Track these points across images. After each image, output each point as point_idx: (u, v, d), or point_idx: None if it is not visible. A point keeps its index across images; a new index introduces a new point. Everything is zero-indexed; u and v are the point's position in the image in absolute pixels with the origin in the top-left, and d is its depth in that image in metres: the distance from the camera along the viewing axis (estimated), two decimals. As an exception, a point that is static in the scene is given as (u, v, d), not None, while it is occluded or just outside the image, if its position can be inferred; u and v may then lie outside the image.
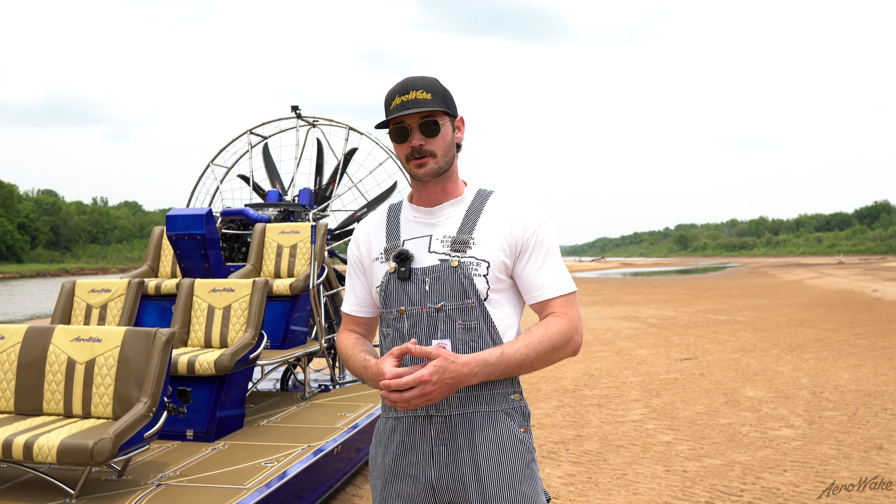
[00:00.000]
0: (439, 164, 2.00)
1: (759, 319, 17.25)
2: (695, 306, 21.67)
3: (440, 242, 2.01)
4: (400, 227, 2.08)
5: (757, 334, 14.29)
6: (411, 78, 1.99)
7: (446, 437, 1.97)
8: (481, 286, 1.97)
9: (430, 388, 1.83)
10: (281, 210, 6.94)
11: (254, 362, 5.04)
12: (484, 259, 1.98)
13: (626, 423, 7.20)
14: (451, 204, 2.06)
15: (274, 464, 4.14)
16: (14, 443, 3.56)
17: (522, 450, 1.99)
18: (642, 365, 10.77)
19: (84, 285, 5.37)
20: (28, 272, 64.35)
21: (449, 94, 2.03)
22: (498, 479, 1.95)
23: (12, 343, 4.13)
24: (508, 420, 1.98)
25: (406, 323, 1.99)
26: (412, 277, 1.99)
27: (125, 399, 3.88)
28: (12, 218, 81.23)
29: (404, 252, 2.00)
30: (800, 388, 8.82)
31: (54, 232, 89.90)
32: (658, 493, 5.11)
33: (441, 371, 1.83)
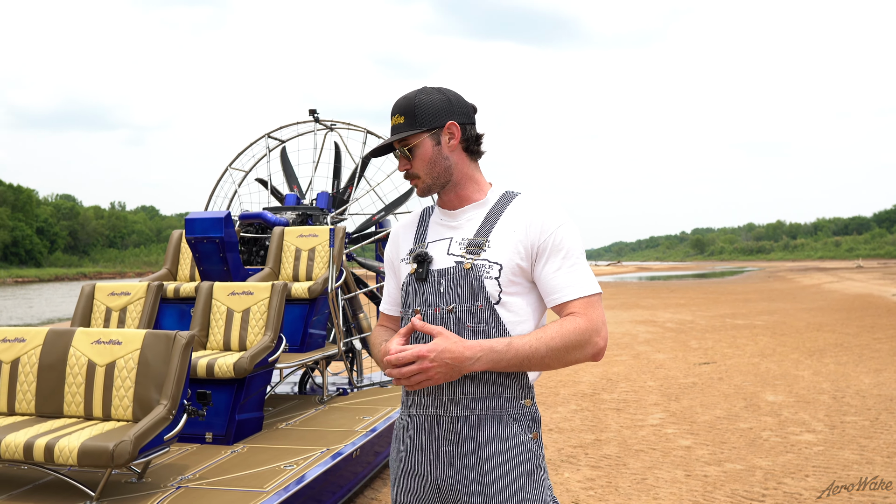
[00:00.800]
0: (427, 183, 2.04)
1: (777, 324, 17.12)
2: (712, 310, 21.54)
3: (458, 245, 2.02)
4: (427, 229, 2.11)
5: (776, 339, 14.19)
6: (397, 100, 2.05)
7: (453, 438, 1.98)
8: (492, 289, 1.96)
9: (429, 365, 1.83)
10: (299, 213, 6.95)
11: (272, 365, 5.04)
12: (496, 262, 1.97)
13: (645, 427, 7.15)
14: (474, 207, 2.07)
15: (293, 467, 4.13)
16: (35, 445, 3.57)
17: (529, 456, 1.96)
18: (660, 369, 10.71)
19: (104, 288, 5.39)
20: (47, 276, 64.88)
21: (426, 108, 2.00)
22: (502, 484, 1.94)
23: (33, 346, 4.15)
24: (516, 425, 1.97)
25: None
26: (429, 279, 2.01)
27: (145, 402, 3.89)
28: (31, 222, 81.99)
29: (423, 254, 2.03)
30: (820, 392, 8.73)
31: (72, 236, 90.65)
32: (679, 497, 5.06)
33: (440, 350, 1.84)
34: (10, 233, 76.66)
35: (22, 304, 32.12)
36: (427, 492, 2.01)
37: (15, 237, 77.83)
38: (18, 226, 78.74)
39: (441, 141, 2.01)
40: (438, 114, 2.01)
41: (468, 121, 2.06)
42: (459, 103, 2.05)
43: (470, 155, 2.07)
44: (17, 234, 78.05)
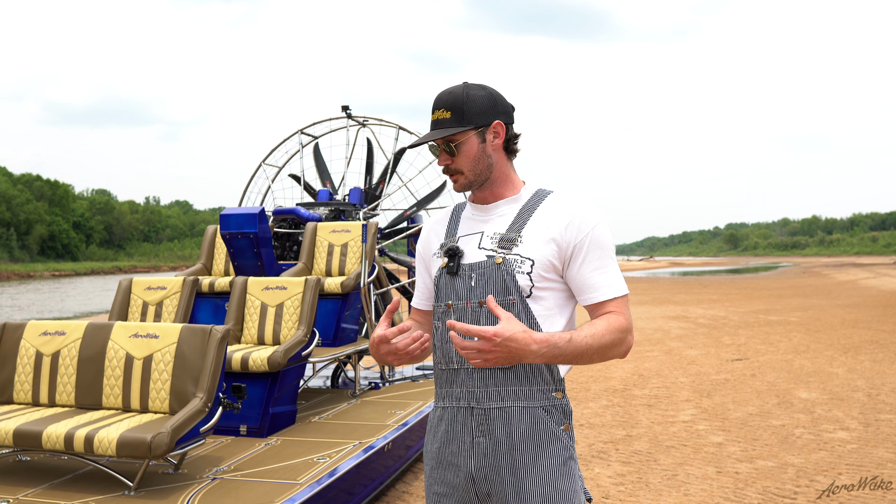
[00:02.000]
0: (469, 179, 2.05)
1: (812, 320, 16.92)
2: (745, 306, 21.33)
3: (490, 239, 2.05)
4: (459, 224, 2.14)
5: (810, 335, 14.02)
6: (441, 93, 2.05)
7: (485, 429, 2.01)
8: (524, 283, 1.99)
9: (492, 348, 1.80)
10: (332, 209, 7.01)
11: (306, 359, 5.11)
12: (529, 257, 1.99)
13: (676, 423, 7.13)
14: (506, 202, 2.09)
15: (326, 460, 4.19)
16: (76, 435, 3.66)
17: (560, 447, 2.00)
18: (692, 365, 10.64)
19: (140, 283, 5.49)
20: (83, 270, 65.92)
21: (474, 106, 2.01)
22: (534, 475, 1.97)
23: (73, 339, 4.25)
24: (548, 417, 2.00)
25: (452, 317, 2.04)
26: (460, 273, 2.04)
27: (181, 394, 3.97)
28: (68, 217, 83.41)
29: (454, 248, 2.06)
30: (855, 390, 8.63)
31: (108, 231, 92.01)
32: (710, 494, 5.05)
33: (507, 336, 1.81)
34: (47, 227, 78.03)
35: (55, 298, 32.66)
36: (461, 482, 2.04)
37: (52, 231, 79.25)
38: (55, 220, 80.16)
39: (486, 139, 2.04)
40: (486, 112, 2.03)
41: (510, 120, 2.09)
42: (503, 102, 2.07)
43: (508, 154, 2.10)
44: (54, 229, 79.46)
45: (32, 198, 78.11)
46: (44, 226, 77.58)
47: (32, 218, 75.97)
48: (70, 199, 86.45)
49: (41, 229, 77.10)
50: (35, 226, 76.38)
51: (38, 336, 4.32)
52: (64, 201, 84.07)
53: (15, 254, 72.53)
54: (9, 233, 72.90)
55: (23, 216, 74.92)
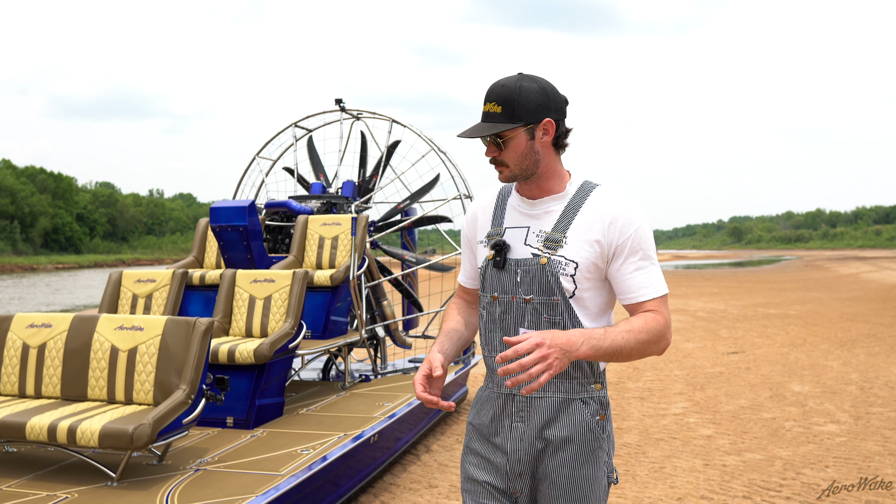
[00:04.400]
0: (514, 173, 2.07)
1: (810, 313, 16.92)
2: (745, 300, 21.33)
3: (536, 237, 2.08)
4: (505, 213, 2.17)
5: (808, 328, 14.03)
6: (495, 85, 2.05)
7: (525, 415, 2.10)
8: (567, 285, 2.04)
9: (548, 351, 1.81)
10: (324, 202, 7.03)
11: (293, 352, 5.13)
12: (573, 259, 2.03)
13: (667, 416, 7.15)
14: (553, 199, 2.11)
15: (310, 451, 4.21)
16: (59, 427, 3.69)
17: (591, 437, 2.09)
18: (688, 358, 10.66)
19: (130, 275, 5.52)
20: (86, 262, 66.07)
21: (526, 102, 2.01)
22: (559, 458, 2.07)
23: (59, 331, 4.27)
24: (584, 407, 2.09)
25: (498, 309, 2.11)
26: (506, 267, 2.09)
27: (166, 386, 3.99)
28: (71, 209, 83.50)
29: (501, 242, 2.10)
30: (848, 383, 8.65)
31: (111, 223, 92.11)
32: (695, 486, 5.07)
33: (551, 336, 1.84)
34: (50, 220, 78.16)
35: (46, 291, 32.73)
36: (498, 460, 2.14)
37: (55, 224, 79.37)
38: (59, 213, 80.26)
39: (535, 136, 2.04)
40: (537, 109, 2.02)
41: (562, 116, 2.09)
42: (556, 98, 2.07)
43: (557, 149, 2.11)
44: (57, 222, 79.58)
45: (36, 190, 78.23)
46: (47, 218, 77.68)
47: (36, 210, 76.09)
48: (73, 192, 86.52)
49: (45, 222, 77.22)
50: (39, 218, 76.51)
51: (24, 328, 4.35)
52: (67, 194, 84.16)
53: (19, 246, 72.68)
54: (12, 225, 73.03)
55: (27, 209, 75.05)
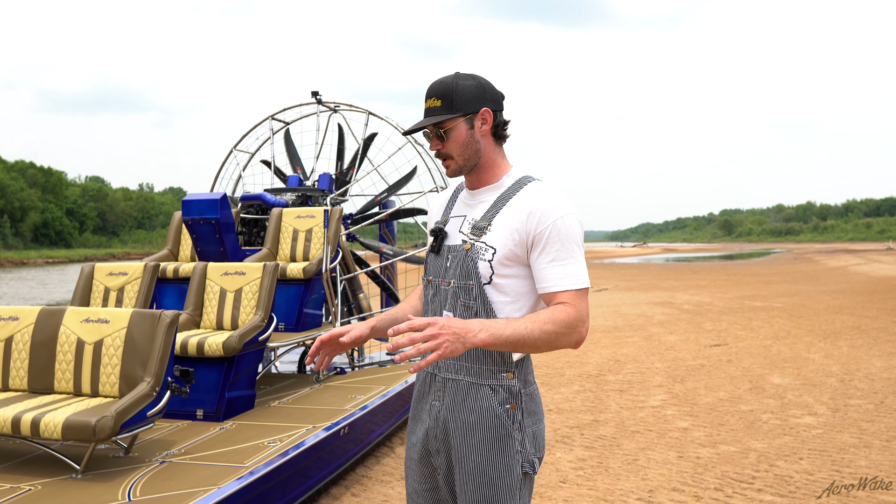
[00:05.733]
0: (459, 164, 2.17)
1: (796, 306, 16.97)
2: (732, 292, 21.39)
3: (468, 224, 2.19)
4: (454, 205, 2.30)
5: (792, 321, 14.07)
6: (433, 83, 2.17)
7: (441, 395, 2.21)
8: (484, 271, 2.11)
9: (438, 331, 1.86)
10: (299, 195, 7.01)
11: (263, 344, 5.12)
12: (492, 245, 2.11)
13: (645, 408, 7.16)
14: (488, 189, 2.21)
15: (277, 443, 4.20)
16: (22, 419, 3.67)
17: (497, 424, 2.13)
18: (670, 351, 10.68)
19: (102, 269, 5.49)
20: (76, 257, 65.76)
21: (463, 94, 2.13)
22: (469, 444, 2.15)
23: (26, 324, 4.25)
24: (491, 394, 2.14)
25: (430, 291, 2.24)
26: (441, 252, 2.22)
27: (131, 378, 3.98)
28: (61, 204, 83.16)
29: (439, 229, 2.24)
30: (829, 375, 8.67)
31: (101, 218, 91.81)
32: (667, 478, 5.08)
33: (448, 320, 1.90)
34: (40, 214, 77.83)
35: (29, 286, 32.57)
36: (421, 435, 2.27)
37: (45, 219, 79.04)
38: (49, 207, 79.93)
39: (474, 125, 2.16)
40: (473, 100, 2.14)
41: (498, 108, 2.20)
42: (491, 90, 2.18)
43: (496, 140, 2.21)
44: (47, 216, 79.25)
45: (26, 185, 77.88)
46: (37, 213, 77.36)
47: (26, 205, 75.78)
48: (63, 187, 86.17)
49: (35, 216, 76.90)
50: (29, 213, 76.20)
51: (-9, 321, 4.32)
52: (57, 188, 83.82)
53: (8, 241, 72.38)
54: (2, 220, 72.73)
55: (17, 203, 74.72)
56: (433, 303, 2.22)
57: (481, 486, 2.12)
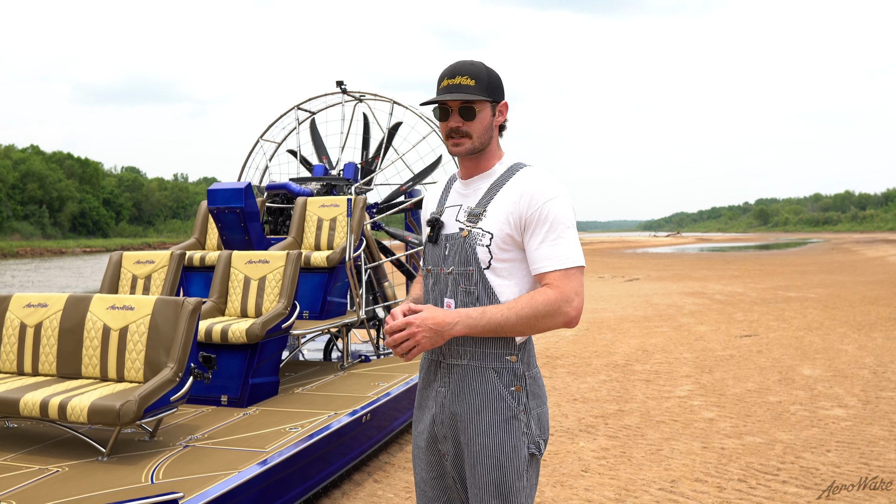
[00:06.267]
0: (474, 145, 2.21)
1: (831, 297, 16.71)
2: (766, 282, 21.13)
3: (464, 213, 2.25)
4: (448, 196, 2.35)
5: (826, 312, 13.86)
6: (460, 62, 2.21)
7: (447, 381, 2.25)
8: (483, 256, 2.18)
9: (415, 330, 2.07)
10: (324, 184, 7.05)
11: (286, 332, 5.17)
12: (489, 231, 2.18)
13: (671, 398, 7.12)
14: (481, 178, 2.27)
15: (298, 429, 4.25)
16: (50, 403, 3.75)
17: (503, 406, 2.18)
18: (699, 341, 10.59)
19: (130, 257, 5.57)
20: (113, 246, 66.78)
21: (493, 82, 2.21)
22: (476, 426, 2.19)
23: (55, 310, 4.34)
24: (496, 377, 2.19)
25: (430, 280, 2.29)
26: (439, 242, 2.27)
27: (155, 364, 4.04)
28: (98, 194, 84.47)
29: (435, 219, 2.29)
30: (861, 367, 8.54)
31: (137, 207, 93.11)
32: (691, 469, 5.05)
33: (424, 318, 2.08)
34: (78, 204, 79.14)
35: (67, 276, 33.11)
36: (427, 423, 2.31)
37: (83, 209, 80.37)
38: (86, 198, 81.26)
39: (495, 113, 2.24)
40: (500, 90, 2.25)
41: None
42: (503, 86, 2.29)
43: (499, 131, 2.30)
44: (84, 206, 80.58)
45: (64, 176, 79.21)
46: (75, 203, 78.70)
47: (64, 195, 77.10)
48: (100, 177, 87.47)
49: (72, 206, 78.24)
50: (66, 203, 77.53)
51: (22, 308, 4.42)
52: (94, 179, 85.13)
53: (47, 230, 73.71)
54: (41, 210, 74.05)
55: (55, 194, 76.05)
56: (434, 291, 2.28)
57: (490, 469, 2.17)
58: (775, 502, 4.44)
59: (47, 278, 30.37)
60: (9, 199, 70.36)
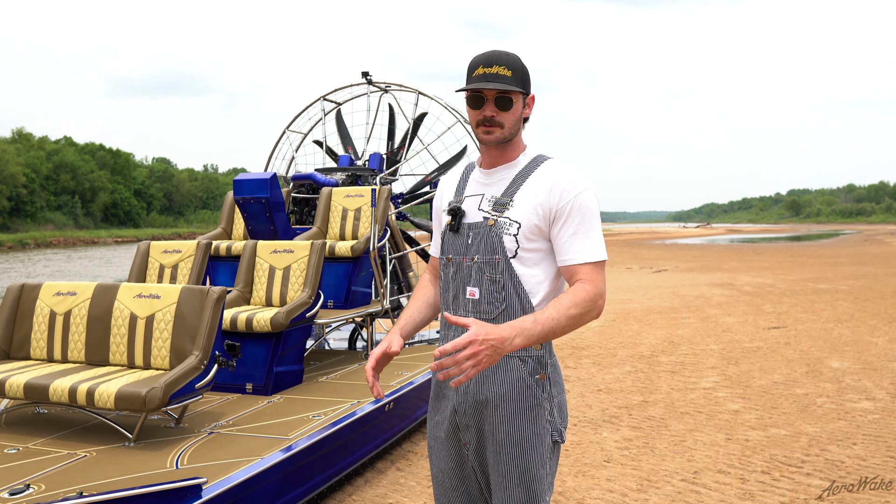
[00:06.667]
0: (504, 135, 2.21)
1: (862, 289, 16.49)
2: (796, 274, 20.89)
3: (488, 202, 2.24)
4: (467, 185, 2.34)
5: (857, 304, 13.68)
6: (496, 52, 2.20)
7: None
8: (509, 244, 2.17)
9: (479, 348, 1.91)
10: (349, 174, 7.09)
11: (311, 321, 5.22)
12: (516, 220, 2.17)
13: (696, 390, 7.08)
14: (505, 168, 2.26)
15: (321, 417, 4.30)
16: (78, 389, 3.83)
17: (528, 393, 2.19)
18: (727, 333, 10.51)
19: (157, 246, 5.65)
20: (144, 236, 67.59)
21: (526, 73, 2.22)
22: (501, 414, 2.19)
23: (83, 299, 4.42)
24: (521, 365, 2.19)
25: (451, 269, 2.27)
26: (460, 231, 2.26)
27: (181, 352, 4.11)
28: (129, 185, 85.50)
29: (457, 208, 2.27)
30: (891, 360, 8.43)
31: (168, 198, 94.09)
32: (714, 460, 5.03)
33: (485, 334, 1.93)
34: (109, 195, 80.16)
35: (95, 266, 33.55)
36: (447, 412, 2.30)
37: (114, 199, 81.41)
38: (118, 188, 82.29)
39: (525, 105, 2.25)
40: (529, 82, 2.25)
41: None
42: None
43: (523, 124, 2.29)
44: (116, 197, 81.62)
45: (96, 167, 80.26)
46: (107, 194, 79.73)
47: (96, 186, 78.14)
48: (131, 168, 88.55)
49: (104, 197, 79.27)
50: (98, 194, 78.58)
51: (52, 296, 4.50)
52: (125, 170, 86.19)
53: (80, 221, 74.76)
54: (74, 201, 75.12)
55: (87, 185, 77.09)
56: (455, 280, 2.25)
57: (515, 457, 2.18)
58: (798, 494, 4.41)
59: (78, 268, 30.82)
60: (42, 189, 71.46)
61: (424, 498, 4.42)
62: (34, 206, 68.44)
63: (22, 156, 69.33)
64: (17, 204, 65.92)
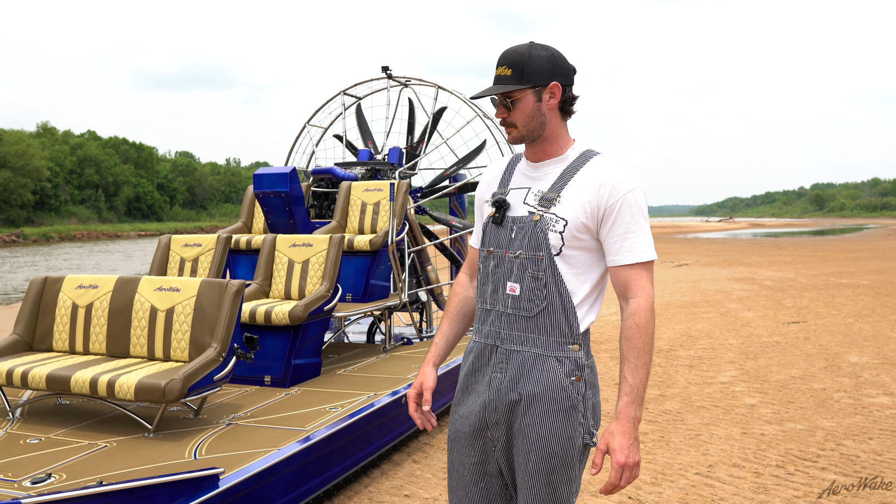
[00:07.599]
0: (521, 134, 2.18)
1: (884, 284, 16.34)
2: (817, 269, 20.73)
3: (534, 196, 2.19)
4: (512, 176, 2.29)
5: (878, 299, 13.57)
6: (506, 50, 2.18)
7: (504, 367, 2.19)
8: (555, 241, 2.12)
9: (633, 471, 2.04)
10: (368, 168, 7.14)
11: (329, 314, 5.27)
12: (563, 217, 2.12)
13: (713, 384, 7.08)
14: (553, 162, 2.21)
15: (338, 409, 4.35)
16: (99, 381, 3.91)
17: (563, 396, 2.14)
18: (746, 327, 10.47)
19: (178, 240, 5.73)
20: (167, 230, 68.17)
21: (534, 66, 2.13)
22: (535, 414, 2.14)
23: (104, 291, 4.50)
24: (558, 366, 2.14)
25: (491, 263, 2.22)
26: (504, 224, 2.20)
27: (200, 344, 4.18)
28: (152, 179, 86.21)
29: (502, 200, 2.22)
30: (911, 355, 8.38)
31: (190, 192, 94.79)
32: (729, 454, 5.04)
33: (623, 456, 2.02)
34: (133, 189, 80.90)
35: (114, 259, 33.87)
36: (476, 408, 2.23)
37: (137, 193, 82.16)
38: (141, 182, 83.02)
39: (542, 98, 2.16)
40: (544, 73, 2.15)
41: (568, 82, 2.20)
42: (563, 64, 2.18)
43: (563, 114, 2.21)
44: (139, 190, 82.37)
45: (119, 161, 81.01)
46: (130, 187, 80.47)
47: (120, 180, 78.89)
48: (154, 162, 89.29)
49: (128, 191, 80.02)
50: (122, 187, 79.33)
51: (74, 289, 4.59)
52: (149, 164, 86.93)
53: (103, 214, 75.53)
54: (97, 194, 75.89)
55: (111, 178, 77.85)
56: (495, 274, 2.21)
57: (544, 457, 2.14)
58: (812, 488, 4.42)
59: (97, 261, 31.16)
60: (66, 183, 72.25)
61: (440, 490, 4.46)
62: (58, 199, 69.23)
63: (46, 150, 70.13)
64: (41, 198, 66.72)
